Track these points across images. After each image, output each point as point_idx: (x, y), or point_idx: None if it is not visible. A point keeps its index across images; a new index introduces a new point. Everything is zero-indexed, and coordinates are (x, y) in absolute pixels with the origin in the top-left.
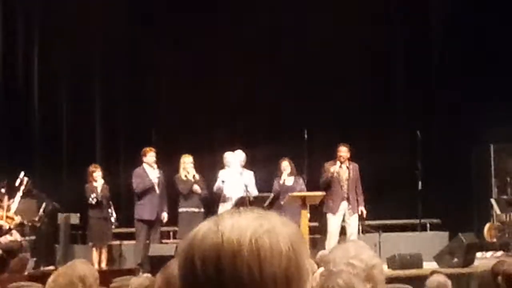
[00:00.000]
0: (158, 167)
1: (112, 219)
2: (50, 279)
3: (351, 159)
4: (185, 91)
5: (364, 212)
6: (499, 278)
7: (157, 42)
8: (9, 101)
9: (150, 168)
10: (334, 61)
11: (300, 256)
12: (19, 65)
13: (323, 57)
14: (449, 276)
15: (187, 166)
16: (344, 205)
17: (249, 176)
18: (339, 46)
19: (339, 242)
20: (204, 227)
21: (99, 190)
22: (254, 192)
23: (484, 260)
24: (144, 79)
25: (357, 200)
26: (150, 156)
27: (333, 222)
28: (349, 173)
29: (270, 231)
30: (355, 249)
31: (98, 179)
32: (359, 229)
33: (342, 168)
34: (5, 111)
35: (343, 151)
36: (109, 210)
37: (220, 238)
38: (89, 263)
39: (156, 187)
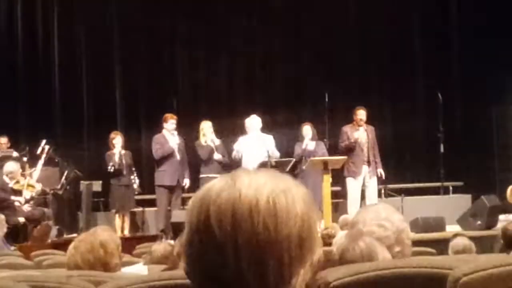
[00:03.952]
0: (179, 133)
1: (135, 186)
2: (71, 246)
3: (368, 121)
4: (205, 57)
5: (383, 174)
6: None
7: (176, 10)
8: (29, 69)
9: (170, 135)
10: (353, 24)
11: (313, 218)
12: (39, 31)
13: (342, 21)
14: (472, 238)
15: (206, 131)
16: (365, 168)
17: (269, 140)
18: (358, 10)
19: (360, 206)
20: (220, 182)
21: (116, 157)
22: (276, 154)
23: (507, 222)
24: (164, 46)
25: (375, 162)
26: (170, 123)
27: (354, 186)
28: (367, 135)
29: (286, 191)
30: (386, 212)
31: (116, 146)
32: (381, 193)
33: (359, 131)
34: (25, 78)
35: (363, 114)
36: (131, 177)
37: (237, 194)
38: (111, 229)
39: (177, 153)
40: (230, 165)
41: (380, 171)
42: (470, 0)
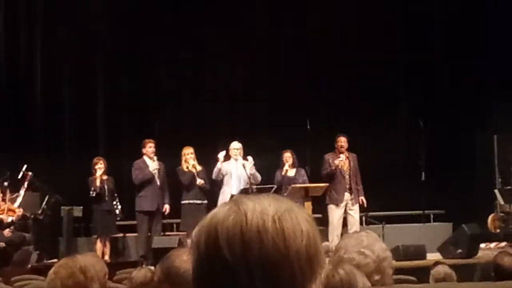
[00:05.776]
0: (158, 158)
1: (117, 211)
2: (51, 271)
3: (350, 149)
4: (187, 82)
5: (365, 201)
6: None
7: (160, 34)
8: (11, 94)
9: (149, 160)
10: (336, 50)
11: (317, 234)
12: (21, 55)
13: (324, 46)
14: (453, 266)
15: (187, 157)
16: (347, 196)
17: (249, 164)
18: (341, 36)
19: (342, 233)
20: (224, 209)
21: (97, 183)
22: (257, 177)
23: (487, 250)
24: (146, 72)
25: (357, 190)
26: (149, 148)
27: (335, 214)
28: (349, 163)
29: (289, 210)
30: (368, 240)
31: (98, 171)
32: (362, 220)
33: (341, 158)
34: (7, 103)
35: (344, 141)
36: (114, 203)
37: (243, 217)
38: (96, 255)
39: (156, 179)
40: (212, 190)
41: (362, 198)
42: (455, 25)
